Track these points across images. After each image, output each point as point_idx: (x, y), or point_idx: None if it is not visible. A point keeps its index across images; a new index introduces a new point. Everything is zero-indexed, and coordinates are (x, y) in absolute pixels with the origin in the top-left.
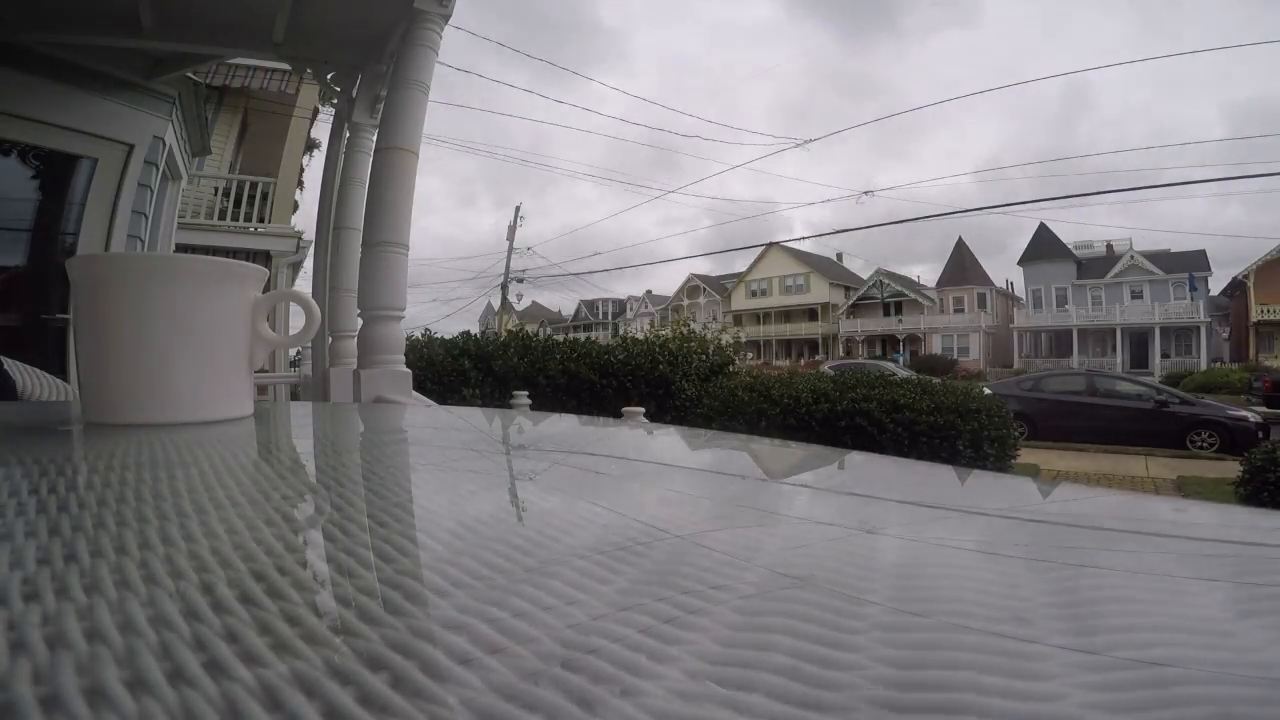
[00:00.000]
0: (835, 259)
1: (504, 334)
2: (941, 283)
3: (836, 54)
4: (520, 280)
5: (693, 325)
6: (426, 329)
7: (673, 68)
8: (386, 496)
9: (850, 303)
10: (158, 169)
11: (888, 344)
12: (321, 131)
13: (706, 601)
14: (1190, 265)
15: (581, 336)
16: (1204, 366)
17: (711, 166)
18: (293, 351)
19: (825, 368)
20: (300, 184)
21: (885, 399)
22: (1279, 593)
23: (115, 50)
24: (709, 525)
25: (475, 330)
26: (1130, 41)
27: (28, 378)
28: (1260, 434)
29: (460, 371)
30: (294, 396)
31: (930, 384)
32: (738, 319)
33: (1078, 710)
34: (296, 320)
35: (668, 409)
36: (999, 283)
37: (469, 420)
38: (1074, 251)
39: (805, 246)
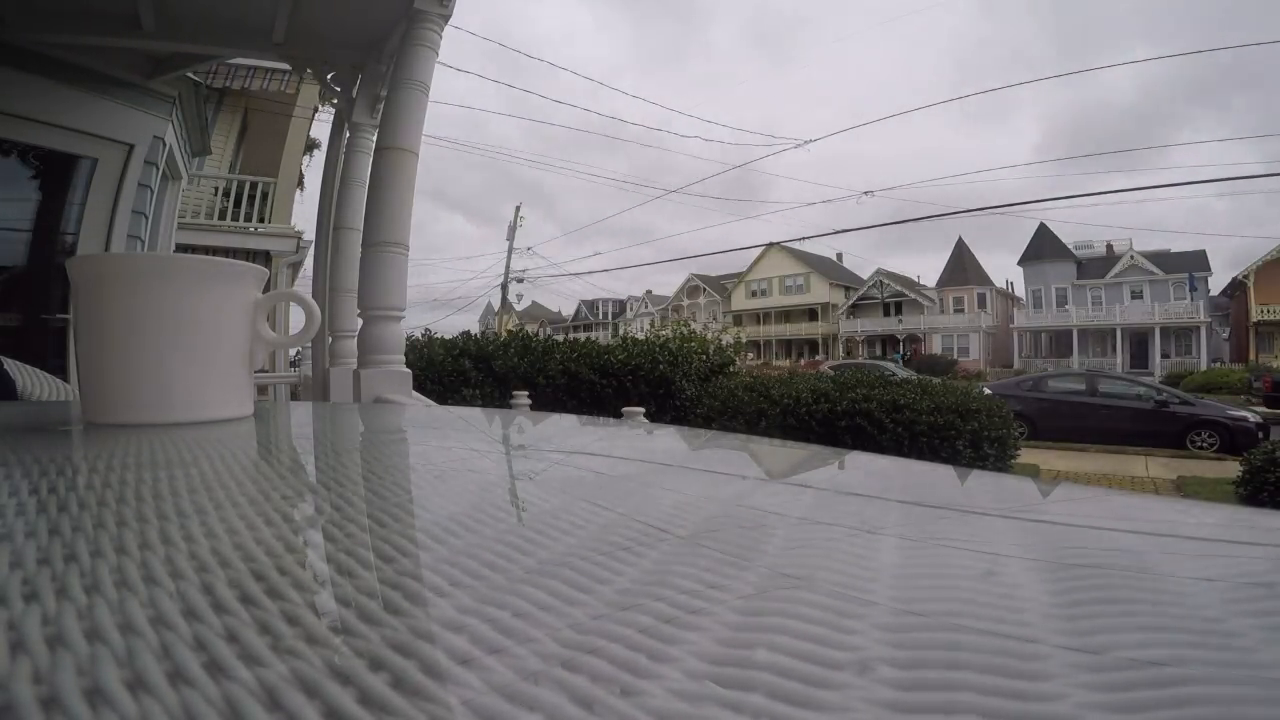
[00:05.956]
0: (835, 259)
1: (504, 334)
2: (941, 283)
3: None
4: (520, 280)
5: (693, 325)
6: (427, 329)
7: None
8: (386, 496)
9: (850, 303)
10: (158, 169)
11: (888, 344)
12: (321, 131)
13: (706, 601)
14: (1190, 265)
15: (581, 337)
16: (1204, 366)
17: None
18: (293, 351)
19: (825, 368)
20: (300, 184)
21: (885, 399)
22: (1279, 593)
23: (115, 50)
24: (709, 525)
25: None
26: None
27: (28, 378)
28: (1260, 434)
29: (460, 371)
30: (294, 396)
31: (930, 384)
32: (738, 319)
33: (1078, 710)
34: (296, 320)
35: (668, 409)
36: (999, 282)
37: (469, 420)
38: (1074, 251)
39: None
